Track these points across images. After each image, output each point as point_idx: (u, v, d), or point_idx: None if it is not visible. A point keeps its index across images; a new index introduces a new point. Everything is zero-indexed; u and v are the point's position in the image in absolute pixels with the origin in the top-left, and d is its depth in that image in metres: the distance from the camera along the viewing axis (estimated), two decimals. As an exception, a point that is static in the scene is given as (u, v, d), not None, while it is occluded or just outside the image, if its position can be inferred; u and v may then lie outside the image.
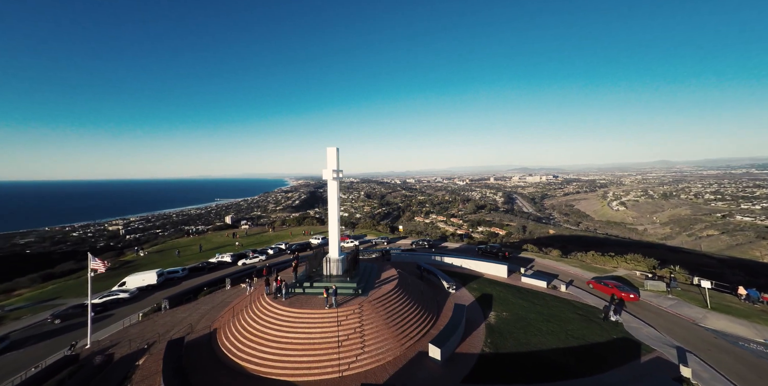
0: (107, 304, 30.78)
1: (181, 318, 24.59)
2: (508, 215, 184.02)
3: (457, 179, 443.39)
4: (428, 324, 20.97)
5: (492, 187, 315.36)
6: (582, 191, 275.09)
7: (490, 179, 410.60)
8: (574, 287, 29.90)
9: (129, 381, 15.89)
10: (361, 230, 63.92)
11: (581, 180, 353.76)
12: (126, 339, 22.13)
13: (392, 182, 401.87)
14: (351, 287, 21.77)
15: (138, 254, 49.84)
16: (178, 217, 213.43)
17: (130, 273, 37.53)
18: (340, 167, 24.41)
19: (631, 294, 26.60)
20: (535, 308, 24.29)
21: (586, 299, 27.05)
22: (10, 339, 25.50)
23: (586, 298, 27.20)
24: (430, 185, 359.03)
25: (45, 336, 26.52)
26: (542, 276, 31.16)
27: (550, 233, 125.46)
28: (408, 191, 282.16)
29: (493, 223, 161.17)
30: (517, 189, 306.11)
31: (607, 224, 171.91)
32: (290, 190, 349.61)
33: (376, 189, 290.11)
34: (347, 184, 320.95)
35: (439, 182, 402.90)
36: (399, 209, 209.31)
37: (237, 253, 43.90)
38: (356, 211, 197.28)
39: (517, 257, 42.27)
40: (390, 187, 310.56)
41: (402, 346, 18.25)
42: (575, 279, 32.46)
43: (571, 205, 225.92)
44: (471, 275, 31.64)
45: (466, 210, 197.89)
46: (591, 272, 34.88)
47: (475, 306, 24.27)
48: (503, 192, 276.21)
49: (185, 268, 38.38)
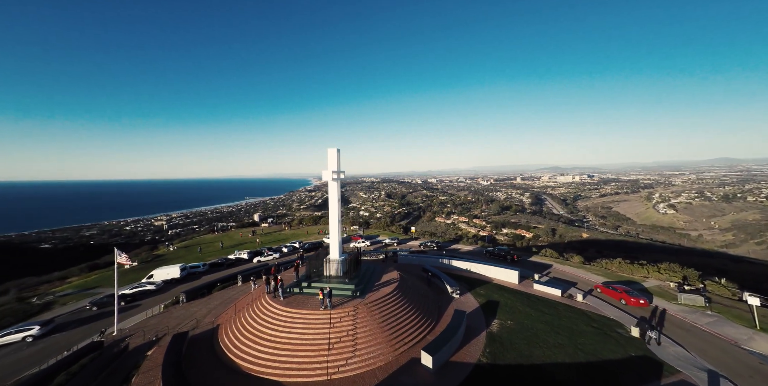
0: (136, 295, 33.40)
1: (193, 312, 26.07)
2: (535, 216, 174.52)
3: (481, 178, 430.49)
4: (426, 329, 20.46)
5: (518, 187, 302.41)
6: (622, 191, 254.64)
7: (517, 179, 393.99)
8: (594, 297, 27.76)
9: (137, 371, 17.13)
10: (375, 230, 64.02)
11: (621, 180, 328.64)
12: (144, 330, 23.85)
13: (413, 181, 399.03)
14: (349, 289, 21.78)
15: (168, 248, 53.81)
16: (213, 214, 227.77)
17: (159, 266, 40.61)
18: (342, 167, 24.54)
19: (641, 300, 25.23)
20: (544, 318, 22.85)
21: (605, 310, 24.99)
22: (56, 322, 28.51)
23: (606, 309, 25.13)
24: (452, 184, 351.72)
25: (84, 321, 29.30)
26: (557, 284, 29.32)
27: (583, 237, 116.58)
28: (429, 191, 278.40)
29: (519, 225, 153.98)
30: (546, 190, 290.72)
31: (651, 229, 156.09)
32: (313, 189, 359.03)
33: (397, 189, 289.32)
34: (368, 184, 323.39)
35: (462, 182, 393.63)
36: (420, 209, 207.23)
37: (253, 250, 45.87)
38: (377, 210, 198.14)
39: (533, 262, 40.12)
40: (411, 187, 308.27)
41: (395, 351, 17.95)
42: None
43: (608, 207, 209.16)
44: (479, 280, 30.47)
45: (490, 211, 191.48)
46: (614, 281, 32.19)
47: (478, 312, 23.32)
48: (531, 193, 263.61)
49: (206, 263, 40.76)
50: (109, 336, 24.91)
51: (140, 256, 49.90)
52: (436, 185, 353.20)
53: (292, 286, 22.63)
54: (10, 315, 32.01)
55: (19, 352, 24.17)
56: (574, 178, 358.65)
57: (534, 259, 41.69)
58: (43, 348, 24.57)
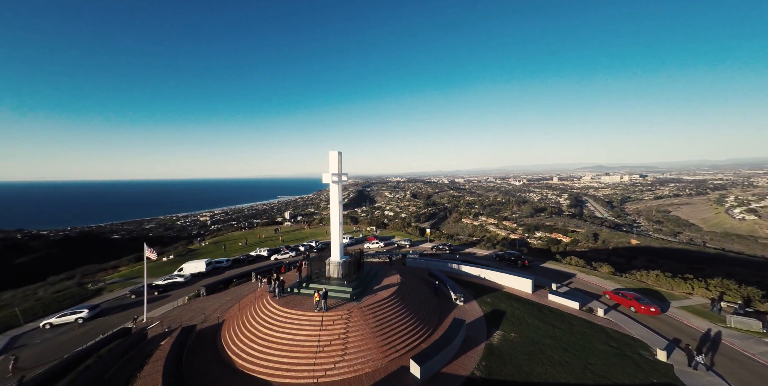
0: (167, 286, 36.62)
1: (208, 306, 27.96)
2: (574, 220, 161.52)
3: (513, 178, 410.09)
4: (421, 337, 20.00)
5: (555, 188, 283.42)
6: (683, 193, 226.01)
7: (553, 179, 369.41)
8: (618, 312, 25.17)
9: (149, 359, 18.79)
10: (391, 231, 63.87)
11: (683, 180, 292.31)
12: (167, 320, 26.17)
13: (440, 181, 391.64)
14: (347, 292, 21.92)
15: (200, 244, 58.43)
16: (249, 211, 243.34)
17: (190, 260, 44.25)
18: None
19: (651, 308, 24.23)
20: (554, 332, 21.19)
21: (630, 328, 22.53)
22: (101, 307, 32.29)
23: (631, 327, 22.66)
24: (481, 185, 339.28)
25: (124, 307, 32.76)
26: (576, 296, 27.04)
27: (631, 244, 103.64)
28: (456, 191, 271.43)
29: (555, 228, 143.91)
30: (588, 191, 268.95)
31: (723, 237, 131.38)
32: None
33: (423, 189, 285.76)
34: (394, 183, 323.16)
35: (491, 182, 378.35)
36: (446, 209, 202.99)
37: (272, 248, 48.09)
38: (401, 210, 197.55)
39: (554, 270, 37.31)
40: (437, 187, 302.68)
41: (385, 358, 17.76)
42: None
43: (665, 211, 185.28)
44: (489, 287, 29.05)
45: (522, 213, 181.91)
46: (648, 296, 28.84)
47: (480, 322, 22.27)
48: (569, 194, 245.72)
49: (229, 259, 43.56)
50: (139, 322, 27.67)
51: (177, 250, 54.80)
52: (464, 185, 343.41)
53: (293, 286, 23.31)
54: (69, 297, 36.91)
55: (72, 331, 27.79)
56: (622, 178, 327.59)
57: (555, 267, 38.79)
58: (89, 329, 27.96)
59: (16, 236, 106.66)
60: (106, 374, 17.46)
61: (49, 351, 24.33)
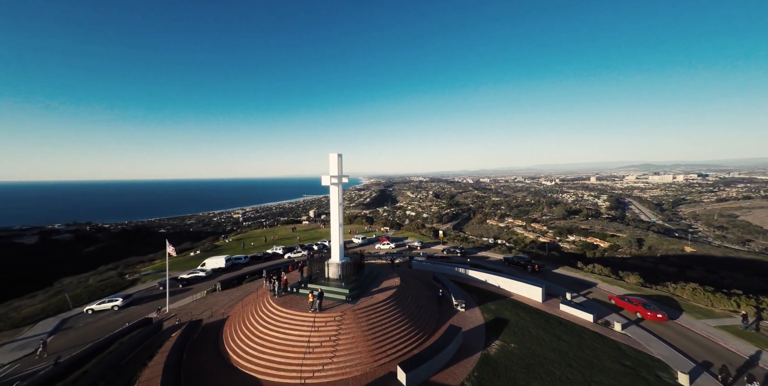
0: (191, 279, 39.32)
1: (219, 300, 29.59)
2: (614, 223, 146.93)
3: (543, 178, 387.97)
4: (415, 343, 19.64)
5: (592, 188, 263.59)
6: (756, 195, 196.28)
7: (590, 179, 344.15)
8: (640, 328, 22.96)
9: (159, 350, 20.28)
10: (405, 232, 63.34)
11: (756, 181, 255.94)
12: (183, 312, 28.11)
13: (464, 181, 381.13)
14: (343, 294, 22.09)
15: (224, 240, 62.11)
16: (276, 209, 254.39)
17: (214, 256, 47.19)
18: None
19: (658, 314, 23.49)
20: (559, 345, 19.82)
21: (651, 346, 20.47)
22: (133, 297, 35.50)
23: (652, 345, 20.58)
24: (508, 185, 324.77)
25: (152, 298, 35.69)
26: (593, 307, 25.12)
27: (686, 252, 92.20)
28: (481, 192, 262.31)
29: (591, 232, 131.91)
30: (632, 192, 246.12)
31: None
32: (363, 188, 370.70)
33: (446, 189, 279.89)
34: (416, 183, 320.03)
35: (520, 182, 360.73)
36: (470, 210, 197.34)
37: (287, 247, 49.81)
38: (423, 210, 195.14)
39: (573, 278, 34.82)
40: (461, 187, 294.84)
41: (375, 362, 17.66)
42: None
43: (731, 215, 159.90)
44: (495, 294, 27.78)
45: (553, 215, 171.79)
46: (680, 312, 25.98)
47: (479, 330, 21.41)
48: (609, 195, 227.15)
49: (247, 256, 45.79)
50: (162, 313, 30.12)
51: (204, 245, 58.74)
52: (489, 185, 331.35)
53: (293, 286, 23.94)
54: (110, 286, 41.02)
55: (109, 317, 30.90)
56: (675, 178, 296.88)
57: (574, 274, 36.17)
58: (123, 316, 30.81)
59: (86, 229, 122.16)
60: (123, 361, 19.25)
61: (89, 333, 27.25)
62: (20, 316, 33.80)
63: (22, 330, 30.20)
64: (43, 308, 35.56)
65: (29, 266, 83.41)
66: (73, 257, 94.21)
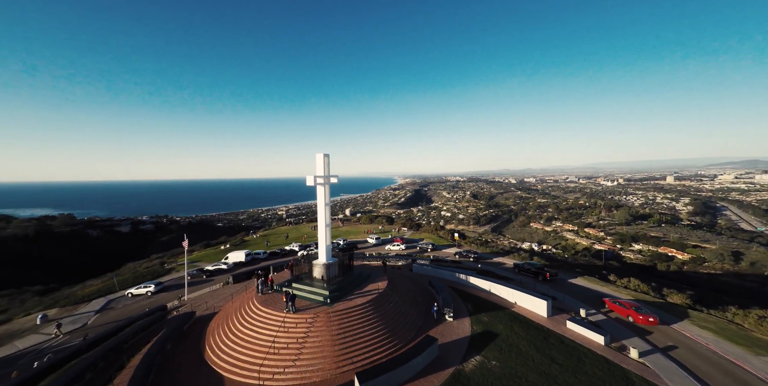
0: (214, 271, 42.83)
1: (226, 293, 31.56)
2: (698, 231, 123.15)
3: (603, 178, 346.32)
4: (386, 351, 18.64)
5: (669, 189, 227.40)
6: None
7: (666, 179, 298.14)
8: (665, 357, 19.02)
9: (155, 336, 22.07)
10: (423, 234, 61.20)
11: None
12: (194, 302, 30.59)
13: (505, 181, 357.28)
14: (321, 295, 21.84)
15: (253, 236, 66.64)
16: (314, 207, 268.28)
17: (242, 250, 50.80)
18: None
19: (650, 318, 23.02)
20: (549, 368, 17.26)
21: (671, 379, 16.79)
22: (164, 284, 39.56)
23: (675, 380, 16.86)
24: (558, 185, 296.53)
25: (179, 286, 39.55)
26: (611, 328, 21.59)
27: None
28: (525, 192, 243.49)
29: (665, 241, 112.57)
30: (728, 194, 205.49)
31: None
32: (398, 188, 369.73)
33: (485, 189, 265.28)
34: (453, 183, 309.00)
35: (573, 181, 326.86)
36: (511, 212, 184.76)
37: (304, 244, 51.56)
38: (459, 211, 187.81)
39: (597, 292, 30.25)
40: (502, 187, 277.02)
41: (338, 369, 17.05)
42: (684, 347, 20.44)
43: None
44: (495, 304, 25.26)
45: (613, 219, 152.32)
46: (734, 346, 20.88)
47: (461, 343, 19.61)
48: (693, 197, 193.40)
49: (266, 252, 48.50)
50: (182, 301, 33.30)
51: (235, 240, 63.78)
52: (535, 185, 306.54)
53: (280, 285, 24.36)
54: (150, 274, 46.63)
55: (143, 301, 35.03)
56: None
57: (600, 288, 31.40)
58: (153, 301, 34.66)
59: (164, 221, 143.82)
60: (126, 344, 21.55)
61: (125, 314, 31.24)
62: (82, 294, 40.13)
63: (79, 306, 35.77)
64: (98, 289, 41.78)
65: (123, 250, 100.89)
66: (152, 244, 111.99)
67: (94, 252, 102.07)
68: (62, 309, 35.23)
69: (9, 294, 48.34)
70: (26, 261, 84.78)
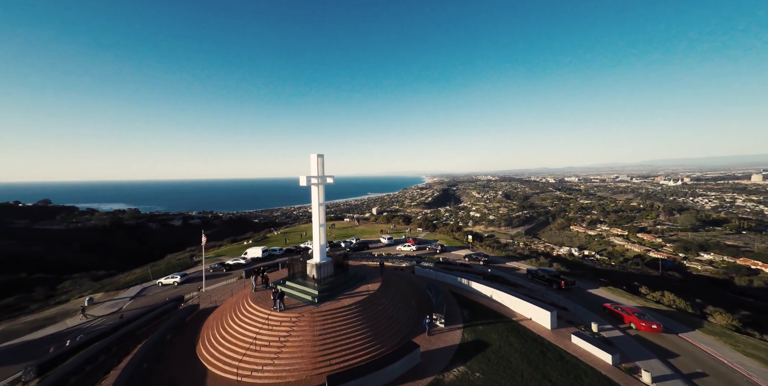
0: (233, 265, 45.42)
1: (237, 287, 33.38)
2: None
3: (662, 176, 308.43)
4: (367, 355, 18.17)
5: (753, 190, 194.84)
6: None
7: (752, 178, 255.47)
8: (684, 382, 16.30)
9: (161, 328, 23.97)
10: (438, 235, 59.22)
11: None
12: (206, 294, 32.68)
13: (542, 180, 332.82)
14: (310, 294, 21.93)
15: (274, 233, 69.67)
16: (344, 206, 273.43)
17: (262, 246, 53.42)
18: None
19: (653, 324, 21.82)
20: (539, 385, 15.64)
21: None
22: (188, 276, 42.67)
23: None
24: (605, 185, 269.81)
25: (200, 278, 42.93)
26: (624, 346, 19.10)
27: None
28: (565, 193, 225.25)
29: (746, 251, 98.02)
30: None
31: None
32: (425, 187, 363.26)
33: (519, 189, 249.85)
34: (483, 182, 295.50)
35: (624, 181, 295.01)
36: (547, 213, 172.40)
37: (318, 242, 52.79)
38: (490, 212, 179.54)
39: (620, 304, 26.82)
40: (538, 186, 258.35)
41: (314, 370, 16.93)
42: (716, 376, 17.38)
43: None
44: (495, 312, 23.50)
45: (674, 224, 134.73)
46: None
47: (447, 351, 18.53)
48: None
49: (282, 249, 50.46)
50: (200, 292, 35.85)
51: (258, 236, 67.23)
52: (577, 184, 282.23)
53: (275, 283, 24.84)
54: (180, 265, 50.82)
55: (170, 290, 38.25)
56: None
57: (627, 301, 27.83)
58: (179, 290, 37.70)
59: (209, 216, 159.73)
60: (139, 331, 23.64)
61: (154, 301, 34.44)
62: (124, 281, 44.95)
63: (120, 292, 40.04)
64: (137, 277, 46.54)
65: (173, 242, 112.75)
66: (198, 237, 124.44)
67: (152, 243, 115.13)
68: (106, 294, 39.68)
69: (75, 277, 55.96)
70: (105, 250, 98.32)
